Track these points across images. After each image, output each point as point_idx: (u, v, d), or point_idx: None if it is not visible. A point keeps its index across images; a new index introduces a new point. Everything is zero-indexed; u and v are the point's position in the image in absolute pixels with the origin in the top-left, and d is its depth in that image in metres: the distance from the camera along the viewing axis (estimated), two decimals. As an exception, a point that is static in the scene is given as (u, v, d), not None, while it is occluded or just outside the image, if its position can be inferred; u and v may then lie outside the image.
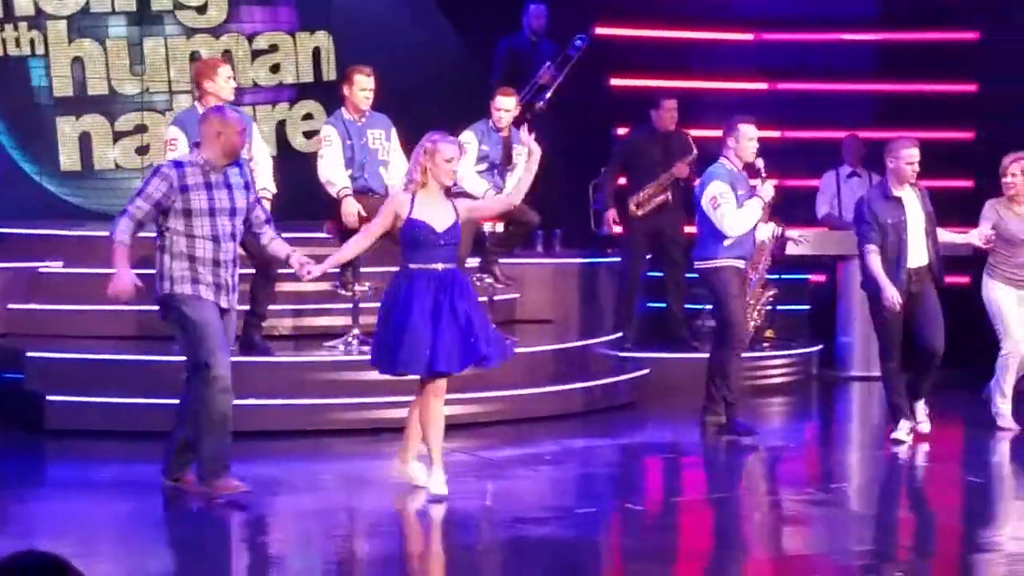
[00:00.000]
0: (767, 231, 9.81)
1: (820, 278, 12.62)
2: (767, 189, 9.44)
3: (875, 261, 9.25)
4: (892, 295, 9.17)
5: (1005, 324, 9.78)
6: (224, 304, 7.55)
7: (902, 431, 9.42)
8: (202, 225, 7.48)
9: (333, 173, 9.82)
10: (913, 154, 9.25)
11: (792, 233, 10.21)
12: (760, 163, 9.44)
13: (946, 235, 9.61)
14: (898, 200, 9.29)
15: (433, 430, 7.70)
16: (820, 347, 12.21)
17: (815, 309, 12.47)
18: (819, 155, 12.57)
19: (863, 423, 11.41)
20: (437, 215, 7.61)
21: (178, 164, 7.58)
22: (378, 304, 10.08)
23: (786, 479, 9.05)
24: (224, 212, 7.52)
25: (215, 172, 7.52)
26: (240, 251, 9.52)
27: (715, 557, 7.36)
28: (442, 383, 7.69)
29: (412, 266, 7.60)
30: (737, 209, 9.35)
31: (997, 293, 9.79)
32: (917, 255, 9.30)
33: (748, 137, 9.41)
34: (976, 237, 9.70)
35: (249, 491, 7.53)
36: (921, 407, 9.50)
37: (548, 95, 11.30)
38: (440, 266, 7.60)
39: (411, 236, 7.59)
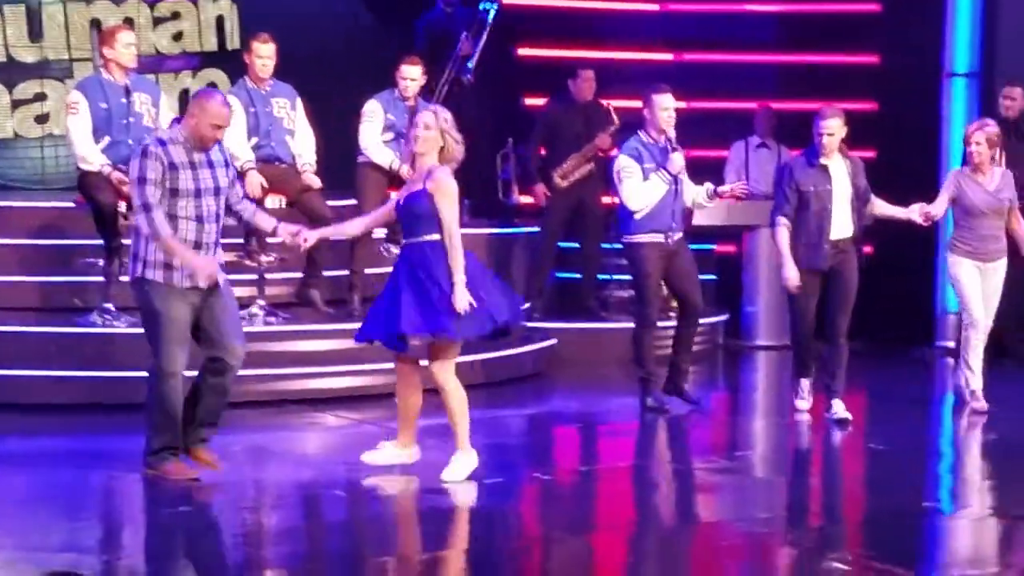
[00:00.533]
0: (700, 193, 9.51)
1: (726, 248, 12.68)
2: (673, 161, 9.31)
3: (782, 235, 9.18)
4: (791, 276, 9.13)
5: (965, 301, 9.62)
6: (202, 284, 7.29)
7: (802, 396, 9.48)
8: (187, 206, 7.23)
9: (234, 147, 9.70)
10: (825, 125, 9.12)
11: (723, 188, 9.90)
12: (671, 134, 9.33)
13: (886, 208, 9.45)
14: (824, 168, 9.19)
15: (451, 417, 7.61)
16: (726, 316, 12.28)
17: (721, 279, 12.53)
18: (725, 125, 12.62)
19: (768, 392, 11.51)
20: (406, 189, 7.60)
21: (161, 142, 7.29)
22: (283, 275, 10.12)
23: (692, 447, 9.11)
24: (209, 192, 7.30)
25: (196, 151, 7.29)
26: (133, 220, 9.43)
27: (623, 525, 7.39)
28: (437, 372, 7.55)
29: None
30: (641, 183, 9.28)
31: (959, 269, 9.56)
32: (841, 227, 9.21)
33: (662, 107, 9.30)
34: (916, 213, 9.46)
35: (198, 479, 7.42)
36: (838, 403, 9.27)
37: (472, 65, 11.24)
38: (403, 240, 7.56)
39: None
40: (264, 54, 9.80)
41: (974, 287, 9.56)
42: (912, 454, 8.80)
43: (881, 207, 9.44)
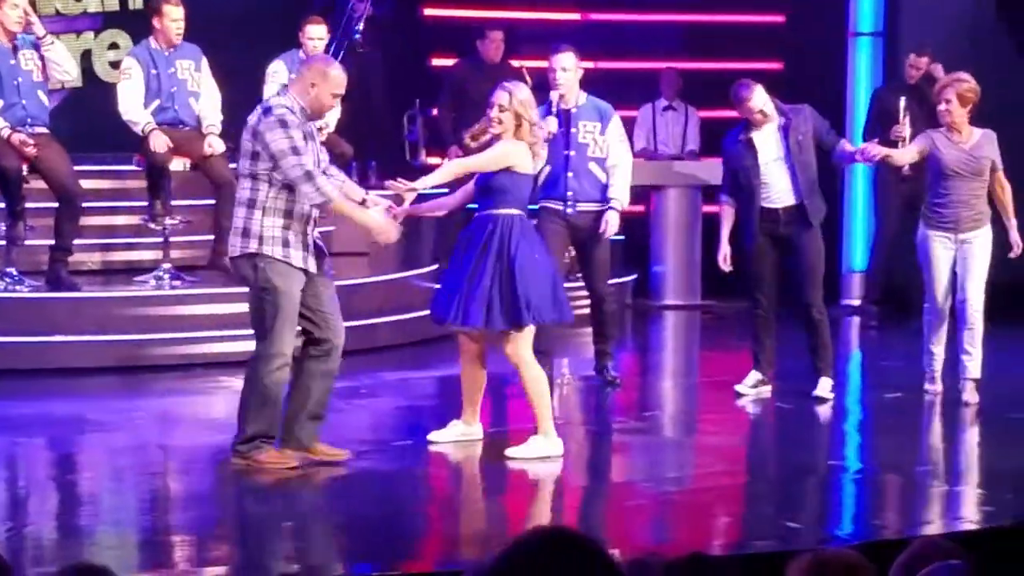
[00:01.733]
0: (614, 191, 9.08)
1: (634, 208, 12.68)
2: (546, 124, 8.86)
3: (723, 213, 8.90)
4: (722, 256, 8.83)
5: (926, 282, 8.73)
6: (312, 268, 7.03)
7: (747, 383, 8.94)
8: None
9: (132, 110, 9.56)
10: (751, 107, 8.63)
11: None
12: (554, 97, 9.15)
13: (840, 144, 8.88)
14: (748, 142, 8.75)
15: (528, 398, 7.54)
16: (634, 276, 12.32)
17: (629, 239, 12.55)
18: (632, 86, 12.61)
19: (676, 352, 11.57)
20: None
21: (290, 110, 6.95)
22: (189, 237, 10.03)
23: (601, 408, 9.13)
24: (318, 164, 7.02)
25: (309, 121, 7.00)
26: (40, 182, 9.30)
27: (532, 486, 7.41)
28: (512, 352, 7.50)
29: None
30: None
31: (927, 244, 8.67)
32: (782, 195, 8.72)
33: (550, 67, 9.20)
34: (865, 151, 8.76)
35: (297, 466, 7.11)
36: (825, 382, 8.85)
37: (360, 27, 11.14)
38: (477, 212, 7.81)
39: None
40: (177, 16, 9.66)
41: (940, 268, 8.65)
42: (819, 413, 8.87)
43: (840, 144, 8.85)
